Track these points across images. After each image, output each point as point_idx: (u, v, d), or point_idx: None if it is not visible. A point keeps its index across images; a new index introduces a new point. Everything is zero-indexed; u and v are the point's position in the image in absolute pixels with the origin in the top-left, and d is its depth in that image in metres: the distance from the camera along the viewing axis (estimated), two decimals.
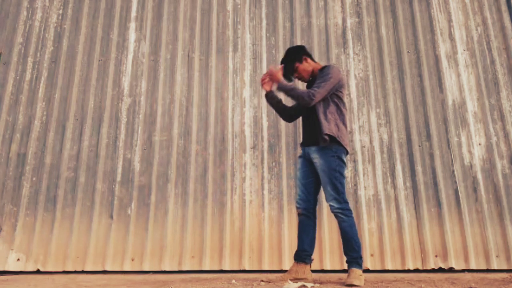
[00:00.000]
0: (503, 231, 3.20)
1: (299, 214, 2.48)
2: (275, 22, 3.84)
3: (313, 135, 2.44)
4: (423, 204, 3.27)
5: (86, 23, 3.90)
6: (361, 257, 2.32)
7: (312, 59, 2.60)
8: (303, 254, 2.42)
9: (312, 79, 2.60)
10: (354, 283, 2.22)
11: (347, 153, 2.45)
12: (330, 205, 2.34)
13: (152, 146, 3.51)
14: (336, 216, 2.34)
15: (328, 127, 2.37)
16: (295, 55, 2.54)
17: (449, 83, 3.60)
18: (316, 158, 2.40)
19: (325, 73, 2.43)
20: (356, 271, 2.28)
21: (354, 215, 3.28)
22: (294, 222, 3.28)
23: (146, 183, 3.42)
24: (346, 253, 2.34)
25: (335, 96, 2.44)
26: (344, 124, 2.45)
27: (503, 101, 3.53)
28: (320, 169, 2.37)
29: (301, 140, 2.44)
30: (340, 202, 2.32)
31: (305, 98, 2.36)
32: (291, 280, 2.37)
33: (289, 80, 2.57)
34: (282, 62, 2.58)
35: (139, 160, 3.48)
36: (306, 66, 2.55)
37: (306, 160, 2.51)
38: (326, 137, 2.34)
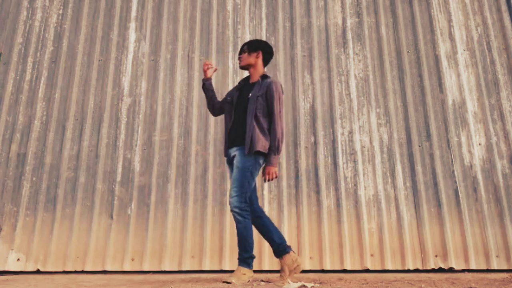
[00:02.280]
0: (503, 231, 3.20)
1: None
2: (275, 22, 3.84)
3: (242, 139, 2.48)
4: (423, 204, 3.27)
5: (86, 23, 3.90)
6: (251, 257, 2.38)
7: (265, 64, 2.69)
8: (281, 248, 2.43)
9: (250, 83, 2.65)
10: (230, 280, 2.27)
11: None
12: (231, 202, 2.38)
13: (152, 146, 3.51)
14: (233, 215, 2.37)
15: (263, 143, 2.45)
16: (256, 44, 2.65)
17: (449, 83, 3.60)
18: (236, 156, 2.47)
19: (274, 93, 2.51)
20: (241, 270, 2.34)
21: (354, 215, 3.28)
22: (294, 222, 3.28)
23: (146, 183, 3.42)
24: (239, 252, 2.40)
25: (271, 111, 2.54)
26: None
27: (503, 101, 3.53)
28: (235, 165, 2.44)
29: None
30: (241, 202, 2.36)
31: (282, 135, 2.50)
32: (292, 280, 2.37)
33: (239, 54, 2.68)
34: (246, 42, 2.70)
35: (139, 160, 3.48)
36: (252, 59, 2.63)
37: (231, 162, 2.56)
38: (257, 150, 2.42)
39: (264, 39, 3.78)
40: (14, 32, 3.87)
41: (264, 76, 2.63)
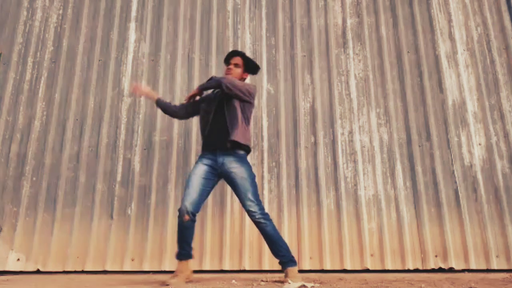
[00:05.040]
0: (503, 231, 3.20)
1: (187, 220, 2.42)
2: (275, 22, 3.84)
3: (226, 142, 2.52)
4: (423, 204, 3.27)
5: (86, 23, 3.90)
6: (291, 255, 2.45)
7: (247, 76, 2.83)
8: (184, 255, 2.48)
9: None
10: (294, 281, 2.32)
11: None
12: (252, 211, 2.42)
13: (152, 146, 3.51)
14: (259, 222, 2.43)
15: (245, 138, 2.55)
16: (249, 62, 2.76)
17: (449, 83, 3.60)
18: (236, 168, 2.49)
19: (244, 82, 2.62)
20: (292, 270, 2.41)
21: (354, 215, 3.29)
22: (294, 222, 3.28)
23: (146, 183, 3.42)
24: (276, 255, 2.46)
25: (249, 112, 2.63)
26: (250, 136, 2.66)
27: (503, 101, 3.53)
28: (241, 177, 2.47)
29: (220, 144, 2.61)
30: (261, 208, 2.43)
31: (223, 82, 2.51)
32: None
33: (227, 59, 2.77)
34: (239, 54, 2.77)
35: (139, 160, 3.48)
36: (238, 73, 2.73)
37: (212, 168, 2.55)
38: (242, 150, 2.54)
39: (264, 39, 3.78)
40: (14, 32, 3.87)
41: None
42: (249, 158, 3.44)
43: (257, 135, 3.51)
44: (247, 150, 2.61)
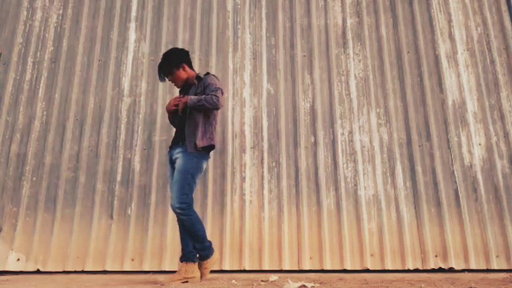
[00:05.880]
0: (503, 231, 3.20)
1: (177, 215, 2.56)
2: (275, 22, 3.84)
3: (183, 138, 2.62)
4: (423, 204, 3.27)
5: (86, 23, 3.90)
6: (209, 246, 2.60)
7: (190, 66, 2.80)
8: (191, 255, 2.56)
9: (185, 86, 2.80)
10: (178, 278, 2.46)
11: (209, 152, 2.71)
12: (171, 204, 2.50)
13: (152, 146, 3.51)
14: (177, 217, 2.52)
15: (204, 138, 2.60)
16: (174, 61, 2.72)
17: (449, 83, 3.60)
18: (178, 158, 2.58)
19: (212, 85, 2.63)
20: (210, 260, 2.60)
21: (354, 215, 3.28)
22: (294, 222, 3.28)
23: (146, 183, 3.42)
24: (194, 247, 2.57)
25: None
26: (214, 133, 2.70)
27: (503, 101, 3.53)
28: (177, 169, 2.55)
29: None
30: (182, 203, 2.48)
31: (214, 104, 2.57)
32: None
33: (162, 80, 2.77)
34: (160, 65, 2.73)
35: (139, 160, 3.48)
36: (182, 74, 2.75)
37: (171, 162, 2.69)
38: (199, 148, 2.58)
39: (264, 39, 3.78)
40: (14, 32, 3.87)
41: (198, 77, 2.76)
42: (249, 158, 3.45)
43: (257, 135, 3.51)
44: (206, 148, 2.67)
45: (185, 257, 2.56)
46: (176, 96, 2.85)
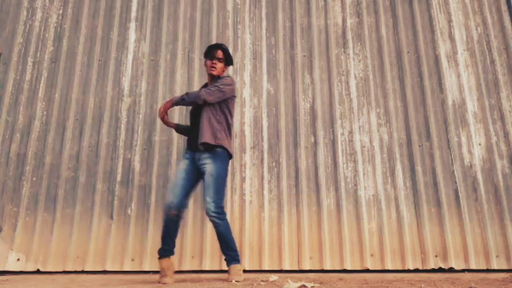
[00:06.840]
0: (503, 231, 3.20)
1: (173, 215, 2.55)
2: (275, 22, 3.84)
3: (206, 141, 2.58)
4: (423, 204, 3.28)
5: (86, 23, 3.90)
6: (237, 254, 2.54)
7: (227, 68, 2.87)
8: (168, 252, 2.56)
9: (211, 80, 2.80)
10: (236, 279, 2.44)
11: (230, 158, 2.69)
12: (207, 208, 2.48)
13: (152, 146, 3.51)
14: (212, 220, 2.49)
15: (218, 135, 2.59)
16: (230, 60, 2.82)
17: (449, 83, 3.60)
18: (208, 164, 2.55)
19: (222, 82, 2.64)
20: (236, 267, 2.50)
21: (354, 215, 3.28)
22: (294, 222, 3.28)
23: (146, 183, 3.42)
24: (224, 253, 2.54)
25: (225, 106, 2.67)
26: (230, 133, 2.68)
27: (503, 101, 3.53)
28: (208, 173, 2.52)
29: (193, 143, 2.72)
30: (217, 207, 2.47)
31: (194, 97, 2.58)
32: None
33: (209, 55, 2.76)
34: (223, 47, 2.77)
35: (139, 160, 3.48)
36: (222, 69, 2.79)
37: (192, 164, 2.66)
38: (218, 147, 2.57)
39: (264, 39, 3.78)
40: (14, 32, 3.87)
41: (219, 77, 2.75)
42: (249, 158, 3.45)
43: (257, 135, 3.51)
44: (223, 148, 2.63)
45: (170, 252, 2.57)
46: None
